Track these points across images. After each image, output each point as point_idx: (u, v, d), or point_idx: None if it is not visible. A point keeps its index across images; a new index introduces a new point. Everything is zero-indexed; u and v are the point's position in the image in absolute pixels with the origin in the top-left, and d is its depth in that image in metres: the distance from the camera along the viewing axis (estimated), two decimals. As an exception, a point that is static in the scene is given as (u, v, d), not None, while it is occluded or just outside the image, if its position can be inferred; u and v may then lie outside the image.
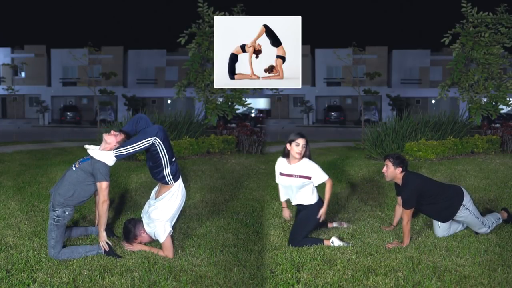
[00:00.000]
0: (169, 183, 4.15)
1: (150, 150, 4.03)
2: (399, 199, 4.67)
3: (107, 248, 3.98)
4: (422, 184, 4.44)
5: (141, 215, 4.41)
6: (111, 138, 4.11)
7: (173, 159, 4.13)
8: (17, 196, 6.09)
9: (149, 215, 4.20)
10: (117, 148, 4.05)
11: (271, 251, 4.24)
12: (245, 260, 4.03)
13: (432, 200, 4.44)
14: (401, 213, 4.65)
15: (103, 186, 3.98)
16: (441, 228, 4.57)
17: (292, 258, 4.08)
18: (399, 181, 4.49)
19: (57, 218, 3.97)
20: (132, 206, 5.74)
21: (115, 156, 4.01)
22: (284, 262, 3.98)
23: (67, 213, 4.01)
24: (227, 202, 6.00)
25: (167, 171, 4.09)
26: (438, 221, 4.55)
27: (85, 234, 4.53)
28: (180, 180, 4.26)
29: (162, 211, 4.15)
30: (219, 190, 6.64)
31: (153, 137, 3.95)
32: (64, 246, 4.06)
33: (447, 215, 4.50)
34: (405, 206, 4.35)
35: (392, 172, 4.48)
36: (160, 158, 4.03)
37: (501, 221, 4.75)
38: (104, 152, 4.04)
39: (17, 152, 10.64)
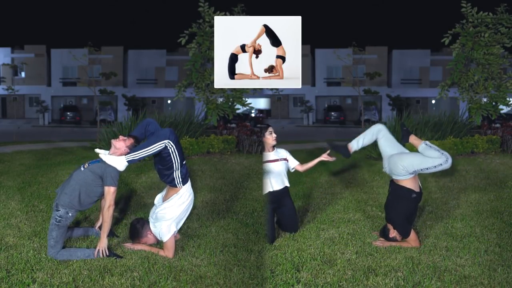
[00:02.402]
0: (178, 186, 4.15)
1: (161, 154, 4.02)
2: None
3: (104, 256, 3.96)
4: (399, 201, 4.37)
5: (149, 217, 4.41)
6: (120, 143, 4.09)
7: (183, 162, 4.14)
8: (17, 196, 6.09)
9: (156, 215, 4.21)
10: (128, 153, 4.03)
11: (271, 251, 4.24)
12: (245, 260, 4.03)
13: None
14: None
15: (111, 191, 3.97)
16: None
17: (292, 258, 4.08)
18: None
19: (59, 218, 3.97)
20: (132, 206, 5.74)
21: (127, 161, 4.00)
22: (284, 262, 3.98)
23: (70, 214, 4.00)
24: (227, 202, 6.00)
25: (177, 174, 4.09)
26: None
27: (86, 235, 4.53)
28: (189, 184, 4.26)
29: (168, 211, 4.15)
30: (219, 190, 6.64)
31: (166, 140, 3.95)
32: (64, 247, 4.06)
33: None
34: (406, 235, 4.34)
35: (396, 234, 4.46)
36: (172, 161, 4.03)
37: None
38: (116, 157, 4.01)
39: (17, 152, 10.65)
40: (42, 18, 55.88)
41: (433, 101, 35.79)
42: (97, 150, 4.19)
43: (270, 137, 4.67)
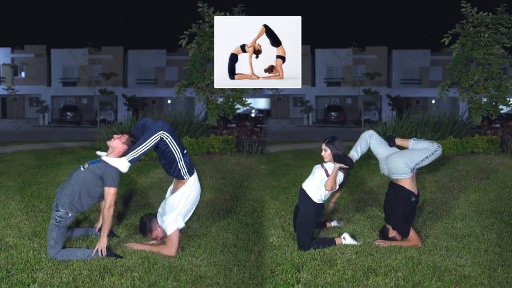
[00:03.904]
0: (185, 177, 4.18)
1: (160, 147, 4.04)
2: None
3: (103, 256, 3.96)
4: (398, 201, 4.39)
5: (158, 211, 4.43)
6: (115, 142, 4.09)
7: (184, 151, 4.16)
8: (17, 196, 6.09)
9: (164, 209, 4.23)
10: (127, 152, 4.02)
11: (271, 251, 4.24)
12: (245, 260, 4.04)
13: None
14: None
15: (111, 192, 3.97)
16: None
17: (292, 258, 4.08)
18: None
19: (59, 219, 3.97)
20: (132, 206, 5.74)
21: (128, 161, 4.00)
22: (284, 262, 3.99)
23: (69, 214, 4.00)
24: (227, 202, 6.00)
25: (181, 164, 4.12)
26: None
27: (86, 235, 4.53)
28: (195, 175, 4.29)
29: (175, 204, 4.17)
30: (219, 190, 6.64)
31: (159, 131, 3.97)
32: (64, 247, 4.06)
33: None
34: (405, 235, 4.36)
35: (396, 233, 4.47)
36: (172, 152, 4.06)
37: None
38: (118, 159, 4.01)
39: (17, 152, 10.64)
40: (42, 18, 55.86)
41: (433, 101, 35.76)
42: (98, 153, 4.20)
43: (324, 153, 4.50)
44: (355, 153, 4.55)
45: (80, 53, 16.13)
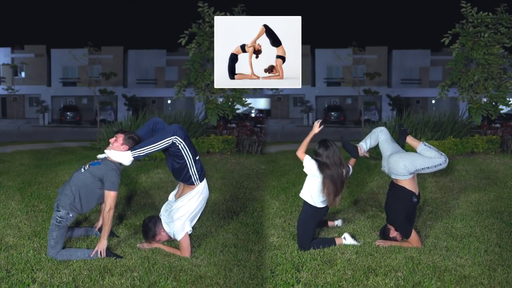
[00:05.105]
0: (195, 183, 4.12)
1: (171, 151, 3.96)
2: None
3: (102, 256, 3.96)
4: (399, 201, 4.39)
5: (160, 214, 4.41)
6: (114, 147, 4.01)
7: (197, 157, 4.08)
8: (17, 196, 6.09)
9: (170, 215, 4.19)
10: (134, 148, 3.95)
11: (271, 251, 4.24)
12: (245, 260, 4.04)
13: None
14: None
15: (111, 195, 3.95)
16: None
17: (292, 258, 4.08)
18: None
19: (60, 219, 3.97)
20: (132, 206, 5.74)
21: (133, 156, 3.93)
22: (284, 262, 3.99)
23: (70, 215, 4.00)
24: (227, 202, 6.00)
25: (193, 171, 4.06)
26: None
27: (86, 235, 4.53)
28: (205, 180, 4.24)
29: (183, 210, 4.13)
30: (219, 190, 6.64)
31: (173, 136, 3.88)
32: (64, 247, 4.06)
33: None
34: (407, 235, 4.35)
35: (397, 234, 4.47)
36: (184, 158, 3.98)
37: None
38: (121, 153, 3.94)
39: (17, 152, 10.64)
40: (42, 18, 55.84)
41: (433, 101, 35.77)
42: (99, 156, 4.17)
43: None
44: (364, 144, 4.57)
45: (80, 53, 16.12)
